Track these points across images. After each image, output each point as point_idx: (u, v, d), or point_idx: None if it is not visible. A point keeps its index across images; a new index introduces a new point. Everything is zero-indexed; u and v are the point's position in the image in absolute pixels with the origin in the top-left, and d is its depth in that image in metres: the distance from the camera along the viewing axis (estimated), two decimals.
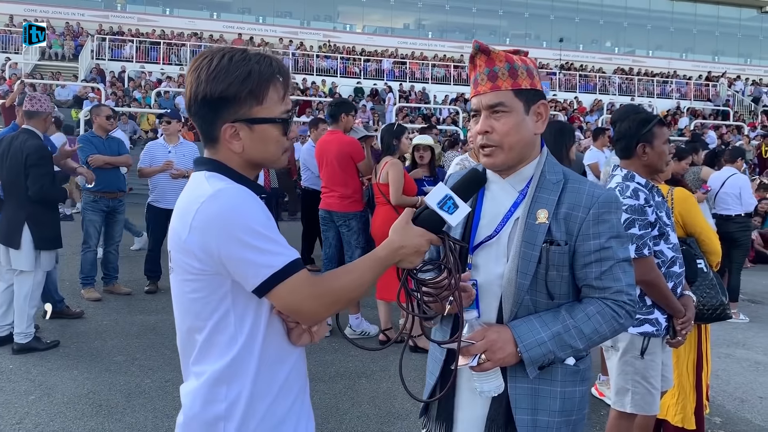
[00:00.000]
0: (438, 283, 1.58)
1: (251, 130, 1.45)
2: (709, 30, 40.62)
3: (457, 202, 1.51)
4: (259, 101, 1.43)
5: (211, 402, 1.44)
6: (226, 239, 1.34)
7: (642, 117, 2.90)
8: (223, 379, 1.43)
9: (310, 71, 28.02)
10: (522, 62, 1.72)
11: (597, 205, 1.66)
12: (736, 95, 31.85)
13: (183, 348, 1.52)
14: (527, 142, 1.72)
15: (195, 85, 1.43)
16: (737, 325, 6.70)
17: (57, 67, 24.35)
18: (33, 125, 5.07)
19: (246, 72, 1.41)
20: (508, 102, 1.68)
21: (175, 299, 1.50)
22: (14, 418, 3.81)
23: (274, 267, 1.36)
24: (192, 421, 1.47)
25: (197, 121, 1.47)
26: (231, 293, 1.41)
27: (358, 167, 5.52)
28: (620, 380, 2.85)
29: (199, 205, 1.37)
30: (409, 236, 1.49)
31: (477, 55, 1.72)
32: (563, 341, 1.62)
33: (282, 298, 1.39)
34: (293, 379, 1.52)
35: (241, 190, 1.40)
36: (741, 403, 4.54)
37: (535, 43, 37.23)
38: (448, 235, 1.58)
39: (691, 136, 16.30)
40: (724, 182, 7.09)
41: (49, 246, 4.98)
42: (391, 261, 1.49)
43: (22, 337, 4.88)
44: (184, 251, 1.40)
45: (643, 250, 2.69)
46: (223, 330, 1.42)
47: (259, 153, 1.48)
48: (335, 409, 4.09)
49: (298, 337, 1.51)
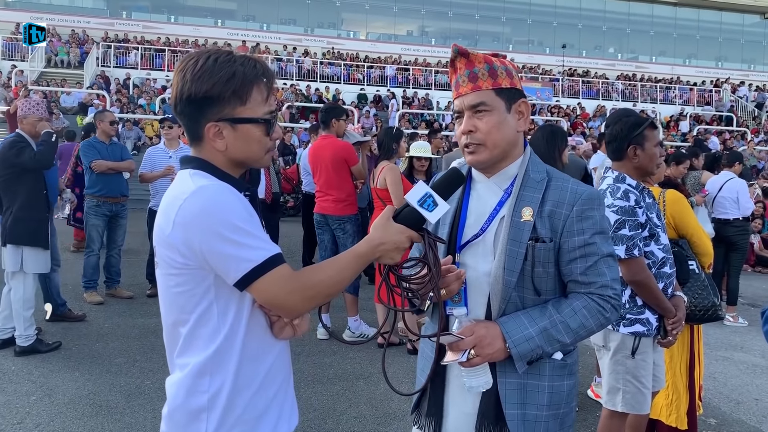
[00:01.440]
0: (420, 279, 1.61)
1: (234, 130, 1.49)
2: (713, 36, 40.64)
3: (437, 199, 1.54)
4: (243, 101, 1.47)
5: (194, 393, 1.47)
6: (208, 234, 1.38)
7: (633, 120, 2.94)
8: (206, 371, 1.46)
9: (314, 78, 28.15)
10: (501, 63, 1.76)
11: (580, 202, 1.70)
12: (739, 101, 31.83)
13: (168, 341, 1.56)
14: (510, 140, 1.76)
15: (181, 84, 1.47)
16: (736, 329, 6.71)
17: (62, 75, 24.55)
18: (23, 128, 5.15)
19: (230, 73, 1.45)
20: (489, 101, 1.73)
21: (160, 293, 1.54)
22: (15, 418, 3.86)
23: (255, 261, 1.39)
24: (176, 412, 1.50)
25: (183, 119, 1.52)
26: (214, 287, 1.45)
27: (351, 171, 5.57)
28: (611, 379, 2.88)
29: (181, 201, 1.41)
30: (389, 233, 1.52)
31: (457, 58, 1.77)
32: (551, 336, 1.65)
33: (262, 292, 1.43)
34: (275, 372, 1.56)
35: (222, 186, 1.44)
36: (737, 404, 4.55)
37: (538, 50, 37.35)
38: (428, 232, 1.61)
39: (693, 141, 16.31)
40: (722, 186, 7.12)
41: (26, 242, 4.94)
42: (371, 257, 1.52)
43: (22, 340, 4.94)
44: (168, 246, 1.44)
45: (633, 250, 2.72)
46: (206, 323, 1.46)
47: (241, 152, 1.52)
48: (332, 410, 4.12)
49: (280, 331, 1.55)
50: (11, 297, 5.00)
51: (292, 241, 8.74)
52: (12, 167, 4.98)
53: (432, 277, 1.58)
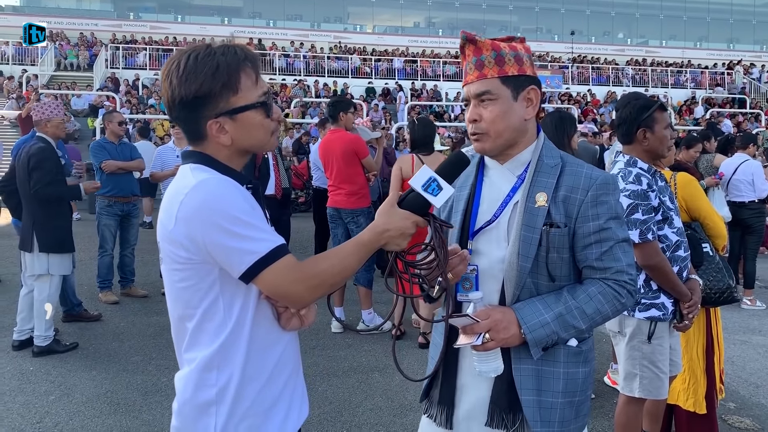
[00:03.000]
0: (427, 264, 1.60)
1: (235, 121, 1.47)
2: (723, 18, 40.14)
3: (441, 183, 1.53)
4: (235, 91, 1.46)
5: (202, 387, 1.47)
6: (210, 228, 1.38)
7: (642, 103, 2.91)
8: (213, 365, 1.46)
9: (321, 73, 28.15)
10: (511, 49, 1.73)
11: (595, 187, 1.69)
12: (752, 83, 31.43)
13: (176, 336, 1.56)
14: (515, 128, 1.74)
15: (170, 90, 1.46)
16: (753, 312, 6.64)
17: (72, 77, 24.75)
18: (45, 132, 5.19)
19: (214, 66, 1.43)
20: (494, 90, 1.71)
21: (167, 289, 1.54)
22: (35, 418, 3.90)
23: (259, 253, 1.39)
24: (185, 406, 1.50)
25: (180, 124, 1.51)
26: (219, 281, 1.44)
27: (362, 164, 5.56)
28: (628, 365, 2.85)
29: (183, 196, 1.41)
30: (394, 219, 1.51)
31: (465, 45, 1.75)
32: (566, 322, 1.64)
33: (268, 283, 1.42)
34: (284, 363, 1.55)
35: (223, 179, 1.44)
36: (756, 388, 4.51)
37: (546, 37, 37.12)
38: (434, 217, 1.60)
39: (706, 125, 16.12)
40: (737, 169, 7.03)
41: (55, 249, 5.03)
42: (376, 244, 1.51)
43: (41, 340, 4.99)
44: (171, 242, 1.44)
45: (647, 234, 2.69)
46: (213, 317, 1.46)
47: (247, 140, 1.51)
48: (348, 402, 4.13)
49: (287, 322, 1.54)
50: (35, 297, 5.05)
51: (304, 236, 8.76)
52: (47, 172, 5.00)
53: (439, 261, 1.57)
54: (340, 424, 3.81)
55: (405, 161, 5.32)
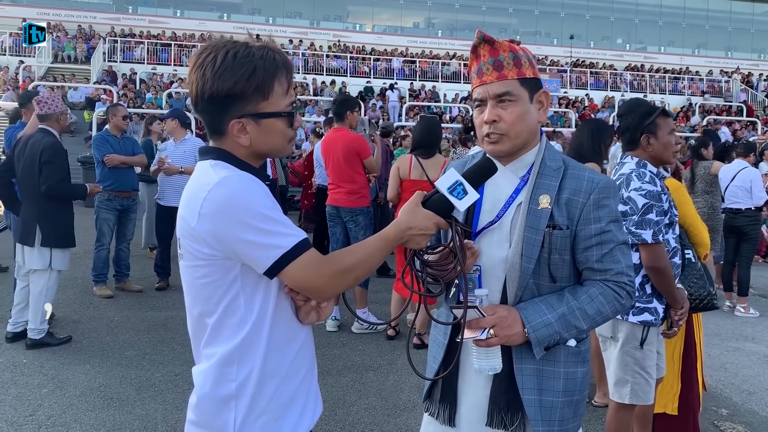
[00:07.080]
0: (443, 265, 1.62)
1: (258, 125, 1.49)
2: (722, 26, 40.26)
3: (467, 188, 1.54)
4: (265, 96, 1.47)
5: (221, 381, 1.48)
6: (235, 224, 1.38)
7: (644, 109, 2.93)
8: (233, 360, 1.47)
9: (320, 71, 28.11)
10: (523, 52, 1.76)
11: (597, 191, 1.72)
12: (749, 91, 31.55)
13: (194, 332, 1.56)
14: (531, 130, 1.77)
15: (201, 83, 1.45)
16: (747, 319, 6.68)
17: (70, 70, 24.61)
18: (51, 126, 5.15)
19: (251, 69, 1.44)
20: (514, 91, 1.72)
21: (185, 285, 1.54)
22: (27, 410, 3.89)
23: (284, 247, 1.40)
24: (203, 400, 1.51)
25: (204, 117, 1.51)
26: (240, 277, 1.45)
27: (364, 164, 5.55)
28: (620, 371, 2.85)
29: (206, 192, 1.41)
30: (417, 218, 1.53)
31: (480, 45, 1.76)
32: (568, 322, 1.67)
33: (294, 276, 1.43)
34: (301, 359, 1.56)
35: (245, 176, 1.44)
36: (749, 395, 4.53)
37: (545, 41, 37.15)
38: (456, 220, 1.61)
39: (703, 132, 16.18)
40: (735, 176, 7.05)
41: (60, 244, 5.01)
42: (398, 241, 1.54)
43: (35, 333, 4.97)
44: (194, 238, 1.44)
45: (659, 236, 2.71)
46: (234, 313, 1.46)
47: (265, 145, 1.52)
48: (342, 401, 4.13)
49: (306, 315, 1.56)
50: (30, 290, 5.02)
51: None
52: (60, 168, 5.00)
53: (457, 263, 1.59)
54: (334, 423, 3.81)
55: (403, 161, 5.33)
